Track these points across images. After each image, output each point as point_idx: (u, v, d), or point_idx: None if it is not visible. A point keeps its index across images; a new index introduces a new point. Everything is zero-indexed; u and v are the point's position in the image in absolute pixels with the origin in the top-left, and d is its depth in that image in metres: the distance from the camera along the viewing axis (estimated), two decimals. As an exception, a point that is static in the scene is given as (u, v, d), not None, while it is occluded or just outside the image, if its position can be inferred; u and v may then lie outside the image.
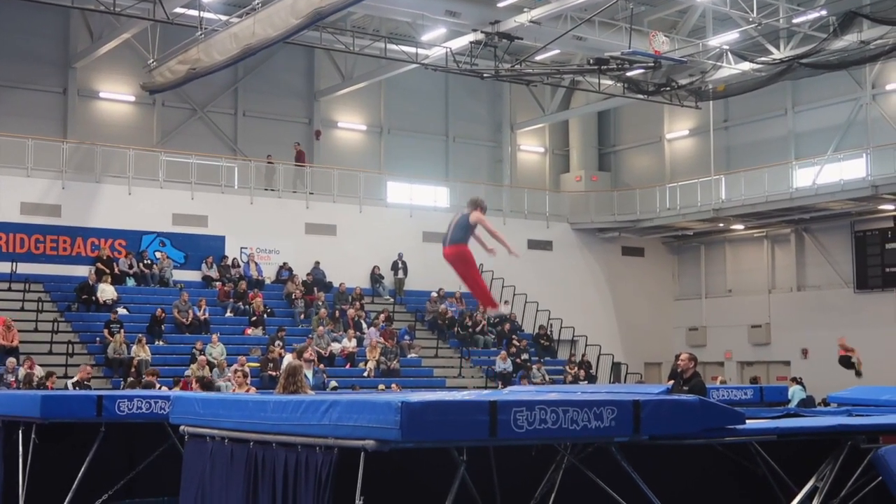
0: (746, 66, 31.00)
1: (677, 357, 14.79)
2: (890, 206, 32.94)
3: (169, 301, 28.96)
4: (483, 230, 13.05)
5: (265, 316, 30.06)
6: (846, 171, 32.73)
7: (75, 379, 22.56)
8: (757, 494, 10.03)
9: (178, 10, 27.03)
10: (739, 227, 37.26)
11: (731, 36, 30.88)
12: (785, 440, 8.98)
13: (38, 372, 23.29)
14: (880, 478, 8.70)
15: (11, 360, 23.76)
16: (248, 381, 17.77)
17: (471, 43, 29.37)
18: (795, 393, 25.01)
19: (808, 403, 23.92)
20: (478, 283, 12.96)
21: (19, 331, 25.92)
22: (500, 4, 29.67)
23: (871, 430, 9.08)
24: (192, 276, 31.41)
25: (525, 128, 40.71)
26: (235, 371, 18.68)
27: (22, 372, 23.36)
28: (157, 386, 19.06)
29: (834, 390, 17.82)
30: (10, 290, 28.05)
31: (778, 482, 9.50)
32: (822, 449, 9.06)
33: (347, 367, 29.08)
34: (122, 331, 26.57)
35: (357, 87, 35.95)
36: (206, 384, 19.04)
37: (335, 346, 29.33)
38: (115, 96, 33.83)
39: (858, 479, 9.03)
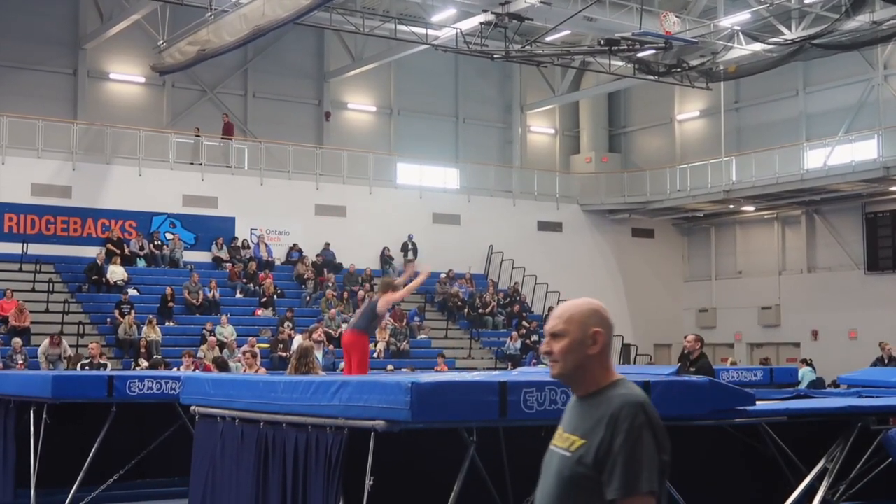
0: (758, 46, 30.85)
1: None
2: (901, 188, 32.85)
3: (179, 282, 29.02)
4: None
5: (275, 297, 30.12)
6: (857, 152, 32.61)
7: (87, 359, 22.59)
8: (766, 475, 10.03)
9: (188, -10, 27.00)
10: (750, 208, 37.18)
11: (743, 16, 30.74)
12: (795, 421, 8.98)
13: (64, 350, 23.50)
14: (890, 459, 8.70)
15: (17, 341, 23.81)
16: (258, 362, 17.81)
17: (481, 24, 29.26)
18: (805, 374, 25.01)
19: (817, 385, 23.90)
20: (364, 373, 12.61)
21: (31, 312, 26.03)
22: (511, -15, 29.59)
23: (882, 411, 9.07)
24: (203, 257, 31.47)
25: (535, 109, 40.62)
26: (245, 352, 18.74)
27: (46, 349, 23.49)
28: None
29: (844, 372, 17.83)
30: (21, 270, 28.14)
31: (788, 463, 9.50)
32: (832, 430, 9.06)
33: (357, 348, 29.06)
34: (132, 312, 26.64)
35: (367, 68, 35.89)
36: (221, 365, 19.15)
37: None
38: (125, 77, 33.83)
39: (868, 461, 9.03)
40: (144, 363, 23.82)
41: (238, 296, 30.19)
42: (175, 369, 19.12)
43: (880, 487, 10.01)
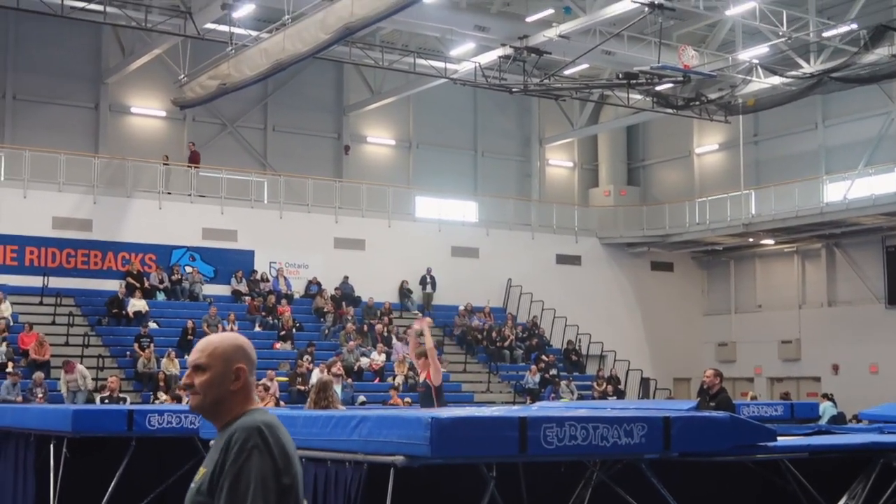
0: (776, 80, 30.86)
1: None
2: (921, 221, 32.72)
3: (198, 315, 29.04)
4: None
5: (294, 330, 30.14)
6: (877, 185, 32.51)
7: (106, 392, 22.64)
8: (788, 512, 9.96)
9: (209, 25, 27.24)
10: (769, 241, 37.07)
11: (761, 50, 30.76)
12: (816, 457, 8.92)
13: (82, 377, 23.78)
14: (913, 496, 8.63)
15: (39, 374, 23.85)
16: (275, 395, 17.82)
17: (499, 57, 29.39)
18: (826, 409, 24.83)
19: (839, 420, 23.73)
20: None
21: (51, 345, 26.10)
22: (529, 19, 29.70)
23: (904, 447, 9.01)
24: (222, 290, 31.54)
25: (554, 142, 40.70)
26: (257, 386, 18.78)
27: (63, 378, 23.76)
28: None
29: (865, 407, 17.72)
30: (41, 304, 28.26)
31: (809, 500, 9.42)
32: (854, 466, 9.00)
33: (376, 381, 29.10)
34: (151, 345, 26.69)
35: (386, 101, 36.05)
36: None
37: (363, 361, 29.35)
38: (146, 111, 34.08)
39: (891, 498, 8.96)
40: (164, 396, 23.84)
41: (257, 329, 30.20)
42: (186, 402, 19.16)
43: (903, 524, 9.93)
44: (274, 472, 3.42)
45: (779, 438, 8.83)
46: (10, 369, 23.83)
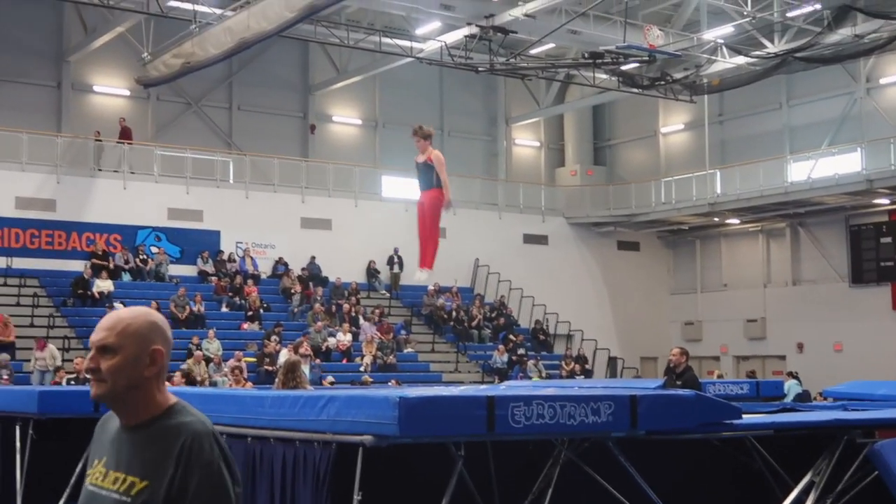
0: (741, 59, 31.00)
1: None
2: (885, 201, 32.98)
3: (165, 296, 28.92)
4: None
5: (261, 311, 30.07)
6: (841, 165, 32.75)
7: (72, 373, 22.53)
8: (753, 489, 10.05)
9: (172, 3, 27.01)
10: (735, 221, 37.31)
11: (726, 30, 30.88)
12: (781, 435, 9.01)
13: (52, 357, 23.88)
14: (876, 472, 8.72)
15: (4, 356, 23.74)
16: (245, 377, 17.83)
17: (465, 37, 29.32)
18: (791, 387, 25.08)
19: (803, 398, 23.97)
20: (433, 235, 12.12)
21: (16, 326, 25.92)
22: (495, -2, 29.66)
23: (868, 424, 9.10)
24: (188, 270, 31.41)
25: (520, 122, 40.71)
26: (233, 367, 18.72)
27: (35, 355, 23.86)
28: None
29: (829, 384, 17.89)
30: (5, 285, 28.04)
31: (774, 477, 9.52)
32: (819, 443, 9.08)
33: (344, 361, 29.10)
34: (117, 325, 26.51)
35: (352, 80, 35.91)
36: (189, 378, 19.15)
37: (331, 341, 29.34)
38: (110, 90, 33.77)
39: (855, 474, 9.05)
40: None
41: (224, 309, 30.12)
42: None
43: (867, 501, 10.03)
44: (233, 482, 3.02)
45: (744, 416, 8.90)
46: (-26, 351, 23.69)
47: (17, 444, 11.29)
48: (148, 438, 3.04)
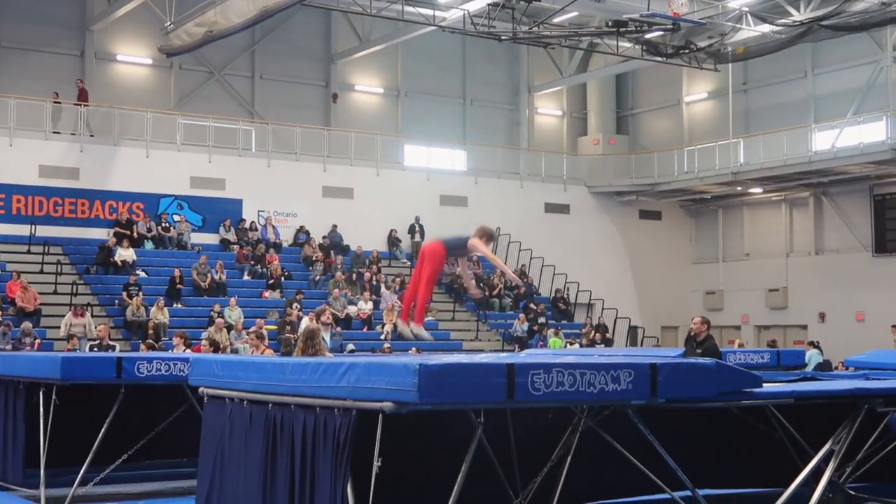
0: (766, 28, 30.76)
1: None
2: (910, 170, 32.77)
3: (187, 264, 29.07)
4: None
5: (282, 279, 30.17)
6: (866, 134, 32.50)
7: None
8: (773, 457, 10.06)
9: (195, -28, 26.96)
10: (758, 190, 37.12)
11: (751, -3, 30.63)
12: (801, 403, 8.98)
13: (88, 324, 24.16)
14: (896, 441, 8.72)
15: (27, 324, 23.91)
16: (265, 343, 17.84)
17: (488, 5, 29.18)
18: (812, 357, 24.99)
19: (824, 367, 23.90)
20: (427, 291, 12.13)
21: (39, 293, 26.11)
22: (518, -34, 29.45)
23: (888, 393, 9.07)
24: (210, 239, 31.55)
25: (543, 91, 40.53)
26: (251, 333, 18.80)
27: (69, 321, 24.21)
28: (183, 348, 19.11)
29: (851, 354, 17.82)
30: (29, 252, 28.22)
31: (794, 445, 9.52)
32: (839, 412, 9.07)
33: (364, 329, 29.18)
34: (140, 293, 26.72)
35: (374, 49, 35.82)
36: (213, 346, 19.29)
37: (352, 309, 29.41)
38: (133, 59, 33.80)
39: (875, 443, 9.06)
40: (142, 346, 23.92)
41: (245, 278, 30.24)
42: (170, 351, 19.25)
43: (887, 469, 10.04)
44: None
45: (765, 385, 8.88)
46: (-1, 318, 23.88)
47: (41, 409, 11.40)
48: None
